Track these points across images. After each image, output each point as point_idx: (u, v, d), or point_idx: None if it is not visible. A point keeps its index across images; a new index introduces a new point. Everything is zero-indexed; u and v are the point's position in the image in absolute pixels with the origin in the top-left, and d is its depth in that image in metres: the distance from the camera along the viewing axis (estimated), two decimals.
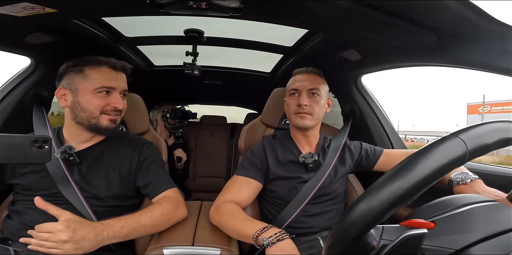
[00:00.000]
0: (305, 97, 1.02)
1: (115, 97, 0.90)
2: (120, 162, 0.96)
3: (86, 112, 0.88)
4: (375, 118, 1.42)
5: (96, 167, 0.93)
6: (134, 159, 0.98)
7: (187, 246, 0.79)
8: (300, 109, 1.02)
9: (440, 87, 66.60)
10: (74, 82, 0.89)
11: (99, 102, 0.88)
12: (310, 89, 1.04)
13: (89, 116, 0.88)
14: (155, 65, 1.90)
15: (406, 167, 0.39)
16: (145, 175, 0.97)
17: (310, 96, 1.03)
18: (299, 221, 1.00)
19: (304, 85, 1.04)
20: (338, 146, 1.13)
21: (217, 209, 0.91)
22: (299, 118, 1.03)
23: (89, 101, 0.87)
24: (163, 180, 0.98)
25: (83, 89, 0.88)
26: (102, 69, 0.89)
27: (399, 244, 0.41)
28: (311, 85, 1.04)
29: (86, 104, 0.88)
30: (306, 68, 1.09)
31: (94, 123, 0.89)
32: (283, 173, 1.04)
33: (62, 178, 0.88)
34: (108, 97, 0.89)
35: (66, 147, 0.90)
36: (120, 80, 0.93)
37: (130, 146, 1.00)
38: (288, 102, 1.07)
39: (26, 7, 0.75)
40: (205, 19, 1.06)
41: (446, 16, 0.71)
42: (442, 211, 0.47)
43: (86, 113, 0.88)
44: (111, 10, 0.92)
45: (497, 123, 0.42)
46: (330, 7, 0.76)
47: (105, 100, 0.89)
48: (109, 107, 0.89)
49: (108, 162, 0.95)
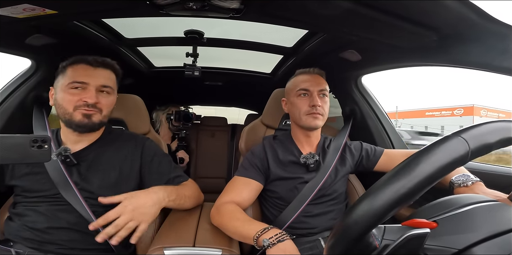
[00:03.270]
0: (317, 98, 1.02)
1: (88, 92, 0.89)
2: (120, 161, 0.96)
3: (61, 108, 0.89)
4: (376, 119, 1.42)
5: (95, 167, 0.93)
6: (136, 158, 0.98)
7: (188, 247, 0.79)
8: (314, 110, 1.02)
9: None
10: (57, 81, 0.91)
11: (71, 98, 0.88)
12: (320, 90, 1.04)
13: (63, 112, 0.89)
14: (155, 67, 1.90)
15: (409, 166, 0.39)
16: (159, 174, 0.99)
17: (320, 97, 1.04)
18: (300, 222, 1.00)
19: (314, 86, 1.04)
20: (339, 146, 1.13)
21: (218, 210, 0.91)
22: (312, 118, 1.03)
23: (63, 98, 0.89)
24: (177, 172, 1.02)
25: (60, 86, 0.90)
26: (78, 66, 0.91)
27: (401, 244, 0.41)
28: (321, 86, 1.05)
29: (61, 101, 0.89)
30: (313, 69, 1.09)
31: (68, 119, 0.89)
32: (283, 173, 1.04)
33: (61, 179, 0.87)
34: (82, 93, 0.89)
35: (61, 148, 0.90)
36: (97, 76, 0.91)
37: (129, 144, 1.00)
38: (297, 103, 1.05)
39: (26, 8, 0.75)
40: (205, 20, 1.06)
41: (446, 16, 0.71)
42: (444, 211, 0.47)
43: (61, 110, 0.89)
44: (111, 12, 0.92)
45: (499, 122, 0.42)
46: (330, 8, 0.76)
47: (78, 96, 0.88)
48: (81, 102, 0.88)
49: (107, 161, 0.94)
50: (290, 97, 1.10)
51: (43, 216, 0.86)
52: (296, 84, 1.08)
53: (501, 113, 23.37)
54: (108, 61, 0.95)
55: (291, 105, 1.09)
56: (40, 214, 0.86)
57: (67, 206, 0.87)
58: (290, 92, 1.09)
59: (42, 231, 0.84)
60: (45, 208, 0.87)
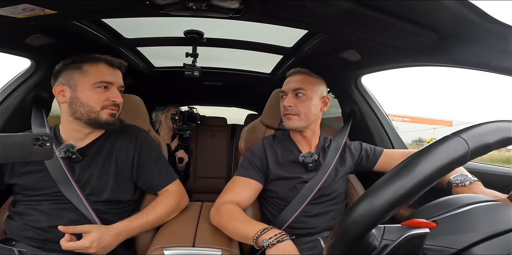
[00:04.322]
0: (290, 98, 1.03)
1: (113, 92, 0.92)
2: (116, 153, 0.96)
3: (86, 107, 0.89)
4: (375, 119, 1.42)
5: (95, 162, 0.93)
6: (130, 149, 0.98)
7: (188, 247, 0.79)
8: (286, 111, 1.03)
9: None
10: (72, 78, 0.90)
11: (99, 97, 0.90)
12: (294, 90, 1.04)
13: (88, 110, 0.89)
14: (155, 67, 1.90)
15: (408, 166, 0.39)
16: (145, 169, 0.98)
17: (295, 96, 1.04)
18: (299, 222, 1.00)
19: (289, 86, 1.05)
20: (338, 146, 1.13)
21: (218, 210, 0.91)
22: (286, 119, 1.04)
23: (89, 96, 0.89)
24: (165, 171, 1.01)
25: (82, 84, 0.90)
26: (100, 66, 0.92)
27: (401, 244, 0.41)
28: (296, 85, 1.04)
29: (86, 99, 0.89)
30: (294, 69, 1.10)
31: (94, 117, 0.90)
32: (283, 173, 1.04)
33: (62, 177, 0.88)
34: (107, 92, 0.91)
35: (67, 145, 0.90)
36: (117, 76, 0.95)
37: (125, 136, 1.01)
38: (279, 105, 1.08)
39: (26, 8, 0.75)
40: (205, 20, 1.06)
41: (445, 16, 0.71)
42: (444, 211, 0.47)
43: (86, 108, 0.89)
44: (111, 12, 0.92)
45: (499, 122, 0.42)
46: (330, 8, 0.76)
47: (104, 95, 0.90)
48: (108, 102, 0.91)
49: (106, 155, 0.95)
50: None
51: (45, 215, 0.86)
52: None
53: (406, 118, 27.58)
54: (123, 63, 0.98)
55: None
56: (42, 212, 0.86)
57: (69, 204, 0.87)
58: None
59: (45, 230, 0.85)
60: (47, 206, 0.87)
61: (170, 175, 1.03)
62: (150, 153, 1.01)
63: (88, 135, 0.96)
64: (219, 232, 0.88)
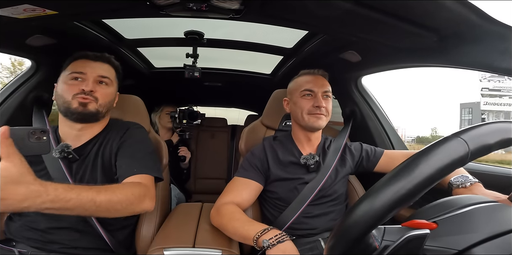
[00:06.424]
0: (322, 99, 1.03)
1: (86, 82, 0.91)
2: (103, 148, 0.94)
3: (61, 98, 0.91)
4: (376, 120, 1.42)
5: (87, 160, 0.92)
6: (116, 142, 0.95)
7: (188, 248, 0.79)
8: (318, 111, 1.03)
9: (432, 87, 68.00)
10: (60, 77, 0.94)
11: (70, 87, 0.91)
12: (324, 92, 1.05)
13: (62, 101, 0.90)
14: (155, 67, 1.90)
15: (408, 167, 0.39)
16: (121, 155, 0.92)
17: (324, 98, 1.05)
18: (300, 222, 1.00)
19: (319, 87, 1.05)
20: (339, 147, 1.12)
21: (218, 210, 0.91)
22: (315, 118, 1.03)
23: (63, 88, 0.91)
24: (139, 162, 0.90)
25: (60, 79, 0.93)
26: (78, 60, 0.94)
27: (401, 245, 0.41)
28: (325, 87, 1.06)
29: (61, 91, 0.91)
30: (317, 70, 1.10)
31: (66, 107, 0.90)
32: (283, 174, 1.04)
33: (61, 178, 0.87)
34: (81, 83, 0.91)
35: (62, 146, 0.89)
36: (95, 67, 0.94)
37: (116, 130, 0.99)
38: (300, 103, 1.05)
39: (26, 9, 0.75)
40: (205, 21, 1.07)
41: (446, 17, 0.71)
42: (444, 212, 0.46)
43: (61, 99, 0.91)
44: (111, 12, 0.93)
45: (499, 123, 0.42)
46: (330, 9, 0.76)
47: (77, 86, 0.91)
48: (78, 90, 0.90)
49: (95, 152, 0.94)
50: (293, 97, 1.09)
51: (44, 216, 0.86)
52: (300, 84, 1.08)
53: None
54: (106, 55, 0.98)
55: (293, 105, 1.09)
56: (41, 214, 0.86)
57: None
58: (294, 92, 1.09)
59: (44, 231, 0.85)
60: None
61: (143, 167, 0.89)
62: (132, 144, 0.95)
63: (82, 132, 0.94)
64: (219, 232, 0.88)
